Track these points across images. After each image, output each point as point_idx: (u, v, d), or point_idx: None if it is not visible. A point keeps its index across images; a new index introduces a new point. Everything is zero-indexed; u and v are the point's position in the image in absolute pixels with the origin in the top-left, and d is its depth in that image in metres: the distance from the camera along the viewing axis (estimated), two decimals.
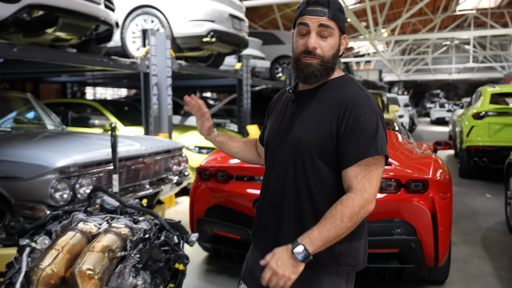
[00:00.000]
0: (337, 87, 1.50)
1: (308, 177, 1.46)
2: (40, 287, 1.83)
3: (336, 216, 1.33)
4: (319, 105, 1.48)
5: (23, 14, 3.71)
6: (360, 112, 1.40)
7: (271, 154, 1.59)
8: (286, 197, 1.51)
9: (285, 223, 1.51)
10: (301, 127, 1.48)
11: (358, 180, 1.37)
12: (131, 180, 4.02)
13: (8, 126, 4.86)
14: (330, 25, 1.43)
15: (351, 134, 1.40)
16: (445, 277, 3.32)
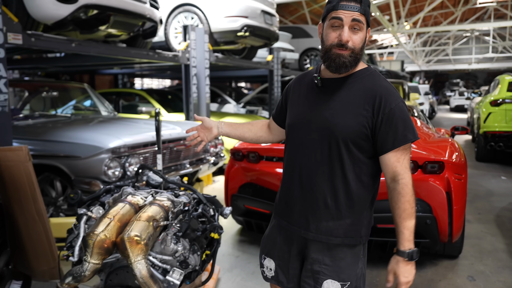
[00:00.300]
0: (364, 78, 1.47)
1: (343, 160, 1.46)
2: (95, 249, 1.92)
3: (407, 208, 1.44)
4: (349, 94, 1.46)
5: (80, 13, 3.80)
6: (393, 103, 1.41)
7: (297, 136, 1.55)
8: (319, 178, 1.49)
9: (320, 203, 1.50)
10: (334, 114, 1.45)
11: (401, 164, 1.43)
12: (173, 160, 4.11)
13: (68, 112, 5.04)
14: (361, 20, 1.40)
15: (389, 124, 1.40)
16: (458, 251, 3.25)
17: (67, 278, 1.97)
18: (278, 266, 1.65)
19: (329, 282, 1.50)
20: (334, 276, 1.50)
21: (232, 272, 3.07)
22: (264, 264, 1.71)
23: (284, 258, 1.63)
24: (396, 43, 28.11)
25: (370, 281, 2.90)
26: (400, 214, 1.45)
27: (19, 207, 2.70)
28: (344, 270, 1.51)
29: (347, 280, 1.51)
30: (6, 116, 3.13)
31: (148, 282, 1.91)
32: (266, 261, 1.70)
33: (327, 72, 1.50)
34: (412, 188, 1.44)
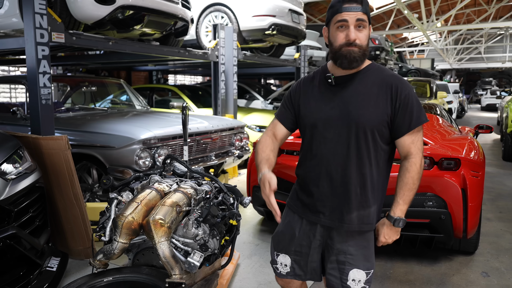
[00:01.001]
0: (374, 71, 1.56)
1: (369, 149, 1.53)
2: (123, 230, 2.05)
3: (409, 182, 1.51)
4: (365, 87, 1.53)
5: (117, 13, 3.97)
6: (407, 90, 1.52)
7: (321, 133, 1.57)
8: (350, 170, 1.53)
9: (351, 194, 1.54)
10: (357, 107, 1.51)
11: (415, 145, 1.52)
12: (200, 152, 4.24)
13: (105, 106, 5.28)
14: (364, 19, 1.48)
15: (405, 108, 1.50)
16: (474, 248, 3.20)
17: (98, 255, 2.12)
18: (295, 261, 1.69)
19: (355, 272, 1.56)
20: (360, 265, 1.57)
21: (252, 259, 3.16)
22: (278, 260, 1.73)
23: (303, 253, 1.67)
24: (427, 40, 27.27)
25: (384, 273, 2.92)
26: (402, 186, 1.52)
27: (58, 191, 2.90)
28: (368, 258, 1.59)
29: (371, 268, 1.59)
30: (49, 108, 3.34)
31: (171, 261, 2.03)
32: (280, 257, 1.73)
33: (337, 70, 1.56)
34: (419, 168, 1.52)
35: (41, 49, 3.26)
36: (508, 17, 25.62)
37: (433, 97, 9.15)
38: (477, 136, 4.95)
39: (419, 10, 17.03)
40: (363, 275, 1.57)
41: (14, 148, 2.51)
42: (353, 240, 1.57)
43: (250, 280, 2.81)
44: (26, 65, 3.42)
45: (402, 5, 12.12)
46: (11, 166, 2.38)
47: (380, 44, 11.21)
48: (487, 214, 4.24)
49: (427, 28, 16.10)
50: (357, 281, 1.56)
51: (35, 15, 3.18)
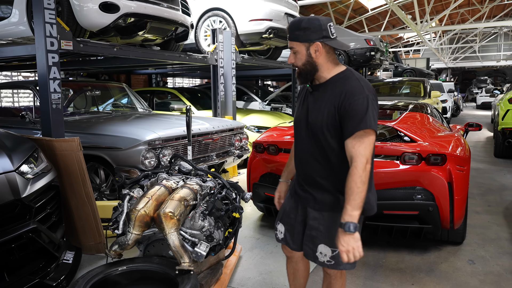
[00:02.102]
0: (338, 81, 1.75)
1: (325, 146, 1.78)
2: (136, 223, 2.25)
3: (352, 187, 1.61)
4: (326, 96, 1.76)
5: (121, 21, 4.17)
6: (353, 98, 1.66)
7: (297, 130, 1.92)
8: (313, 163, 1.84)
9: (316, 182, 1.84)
10: (316, 113, 1.79)
11: (356, 149, 1.64)
12: (201, 152, 4.44)
13: (109, 109, 5.47)
14: (292, 46, 1.76)
15: (348, 115, 1.66)
16: (462, 238, 3.41)
17: (114, 246, 2.31)
18: (287, 230, 2.01)
19: (322, 247, 1.82)
20: (327, 242, 1.81)
21: (253, 251, 3.36)
22: (277, 228, 2.07)
23: (291, 224, 1.99)
24: (422, 40, 27.53)
25: (376, 262, 3.12)
26: (347, 192, 1.63)
27: (71, 190, 3.09)
28: (332, 238, 1.76)
29: (335, 246, 1.72)
30: (59, 112, 3.54)
31: (180, 250, 2.22)
32: (279, 225, 2.06)
33: (313, 80, 1.84)
34: (361, 171, 1.61)
35: (51, 56, 3.45)
36: (501, 16, 25.94)
37: (426, 96, 9.35)
38: (467, 134, 5.17)
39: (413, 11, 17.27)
40: (329, 251, 1.80)
41: (31, 150, 2.69)
42: (322, 220, 1.83)
43: (251, 270, 3.01)
44: (32, 70, 3.60)
45: (395, 6, 12.35)
46: (29, 166, 2.57)
47: (374, 45, 11.42)
48: (476, 207, 4.46)
49: (421, 29, 16.34)
50: (324, 254, 1.82)
51: (45, 25, 3.37)
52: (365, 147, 1.63)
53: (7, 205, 2.22)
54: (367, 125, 1.63)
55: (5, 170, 2.32)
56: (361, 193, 1.60)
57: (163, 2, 4.58)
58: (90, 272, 2.20)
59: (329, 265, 1.82)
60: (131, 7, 4.16)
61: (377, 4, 19.81)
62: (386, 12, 20.66)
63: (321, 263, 1.83)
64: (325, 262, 1.82)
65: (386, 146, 3.18)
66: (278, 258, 3.21)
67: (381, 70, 15.35)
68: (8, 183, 2.28)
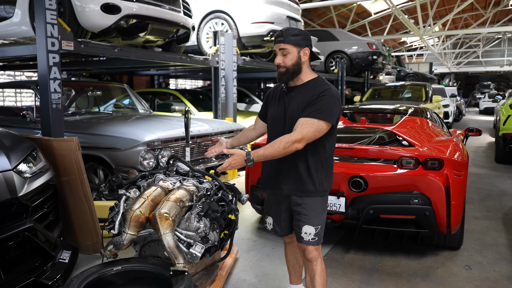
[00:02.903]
0: (313, 85, 2.11)
1: None
2: (132, 223, 2.26)
3: (276, 143, 1.98)
4: (302, 96, 2.10)
5: (122, 22, 4.20)
6: (321, 95, 2.03)
7: (275, 127, 2.19)
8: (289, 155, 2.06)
9: (292, 171, 2.13)
10: (294, 110, 2.10)
11: (301, 128, 1.97)
12: (201, 153, 4.45)
13: (110, 110, 5.49)
14: (285, 47, 2.06)
15: (312, 105, 2.02)
16: (459, 243, 3.40)
17: (109, 246, 2.32)
18: (274, 221, 2.33)
19: (307, 227, 2.14)
20: (310, 222, 2.14)
21: (249, 253, 3.36)
22: (266, 221, 2.39)
23: (277, 215, 2.31)
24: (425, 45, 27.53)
25: (373, 266, 3.12)
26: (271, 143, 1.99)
27: (69, 189, 3.10)
28: (316, 217, 2.14)
29: (319, 225, 2.15)
30: (59, 112, 3.56)
31: (175, 251, 2.23)
32: (267, 218, 2.38)
33: (291, 82, 2.16)
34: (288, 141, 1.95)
35: (52, 56, 3.48)
36: (505, 21, 25.90)
37: (428, 101, 9.34)
38: (467, 139, 5.16)
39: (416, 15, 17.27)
40: (312, 229, 2.14)
41: (29, 149, 2.71)
42: (305, 204, 2.13)
43: (247, 272, 3.01)
44: (34, 70, 3.63)
45: (398, 11, 12.35)
46: (27, 165, 2.58)
47: (377, 49, 11.43)
48: (475, 213, 4.45)
49: (424, 33, 16.34)
50: (308, 233, 2.14)
51: (46, 25, 3.40)
52: (309, 131, 1.97)
53: (3, 204, 2.23)
54: (323, 116, 1.97)
55: (2, 168, 2.33)
56: (274, 152, 1.97)
57: (165, 4, 4.61)
58: (85, 272, 2.21)
59: (313, 242, 2.15)
60: (132, 9, 4.19)
61: (380, 8, 19.82)
62: (389, 16, 20.68)
63: (306, 241, 2.15)
64: (310, 240, 2.14)
65: (384, 150, 3.18)
66: (274, 260, 3.21)
67: (383, 74, 15.35)
68: (5, 181, 2.29)
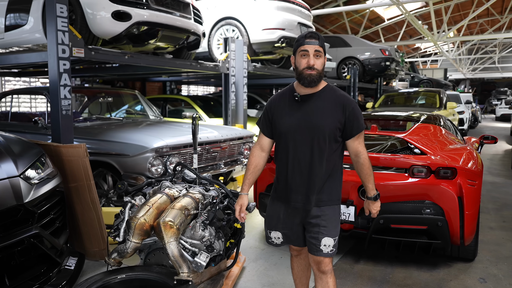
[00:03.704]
0: (329, 91, 2.08)
1: (326, 147, 2.03)
2: (136, 231, 2.24)
3: (368, 172, 2.09)
4: (324, 103, 2.05)
5: (133, 29, 4.22)
6: (352, 105, 2.04)
7: (291, 137, 2.06)
8: (314, 164, 2.03)
9: (315, 182, 2.04)
10: (318, 118, 2.02)
11: (361, 145, 2.07)
12: (210, 160, 4.42)
13: (121, 116, 5.52)
14: (320, 50, 2.00)
15: (351, 119, 2.02)
16: (473, 255, 3.29)
17: (113, 254, 2.30)
18: (284, 234, 2.19)
19: (326, 239, 2.06)
20: (329, 234, 2.06)
21: (257, 262, 3.30)
22: (271, 236, 2.24)
23: (288, 228, 2.17)
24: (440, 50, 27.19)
25: (383, 277, 3.03)
26: (365, 176, 2.10)
27: (76, 195, 3.10)
28: (335, 228, 2.09)
29: (336, 235, 2.09)
30: (69, 118, 3.58)
31: (179, 260, 2.20)
32: (272, 233, 2.23)
33: (302, 89, 2.07)
34: (369, 160, 2.08)
35: (63, 63, 3.50)
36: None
37: (442, 107, 9.18)
38: (482, 147, 5.03)
39: (430, 21, 17.08)
40: (331, 241, 2.07)
41: (37, 155, 2.72)
42: (324, 215, 2.06)
43: (254, 282, 2.95)
44: (48, 77, 3.66)
45: (412, 17, 12.22)
46: (35, 171, 2.59)
47: (389, 55, 11.31)
48: (490, 223, 4.31)
49: (438, 39, 16.13)
50: (328, 246, 2.06)
51: (57, 32, 3.43)
52: (363, 143, 2.09)
53: (9, 210, 2.23)
54: (364, 126, 2.07)
55: (9, 175, 2.34)
56: (372, 174, 2.11)
57: (175, 11, 4.62)
58: (88, 280, 2.19)
59: (332, 254, 2.08)
60: (143, 16, 4.21)
61: (394, 14, 19.66)
62: (402, 22, 20.49)
63: (324, 254, 2.07)
64: (329, 252, 2.07)
65: (395, 158, 3.10)
66: (282, 270, 3.15)
67: (396, 80, 15.18)
68: (12, 188, 2.29)
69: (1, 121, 5.31)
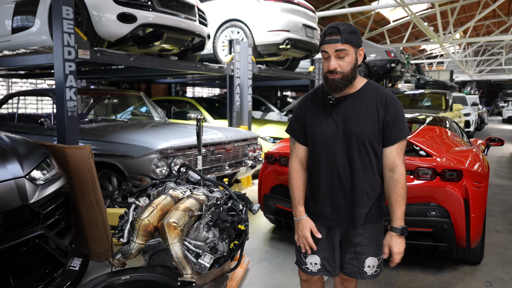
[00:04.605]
0: (370, 90, 1.76)
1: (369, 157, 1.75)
2: (140, 232, 2.23)
3: (402, 193, 1.71)
4: (363, 105, 1.73)
5: (138, 31, 4.24)
6: (397, 106, 1.73)
7: (328, 146, 1.78)
8: (356, 177, 1.75)
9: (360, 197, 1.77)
10: (357, 124, 1.72)
11: (400, 156, 1.73)
12: (214, 161, 4.42)
13: (126, 117, 5.54)
14: (344, 48, 1.66)
15: (394, 122, 1.71)
16: (479, 258, 3.25)
17: (117, 255, 2.30)
18: (324, 258, 1.88)
19: (370, 260, 1.82)
20: (373, 253, 1.82)
21: (261, 264, 3.29)
22: (307, 261, 1.91)
23: (329, 250, 1.88)
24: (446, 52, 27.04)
25: (388, 280, 3.01)
26: (396, 198, 1.71)
27: (81, 196, 3.11)
28: (379, 247, 1.82)
29: (381, 254, 1.82)
30: (74, 119, 3.60)
31: (183, 261, 2.19)
32: (308, 258, 1.90)
33: None
34: (405, 177, 1.72)
35: (68, 65, 3.52)
36: None
37: (448, 109, 9.12)
38: (488, 149, 4.99)
39: (436, 23, 16.99)
40: (375, 261, 1.83)
41: (43, 156, 2.73)
42: (367, 233, 1.81)
43: (258, 284, 2.94)
44: (54, 79, 3.69)
45: (417, 18, 12.17)
46: (40, 172, 2.60)
47: (395, 57, 11.27)
48: (497, 226, 4.27)
49: (444, 41, 16.04)
50: (372, 267, 1.83)
51: (63, 34, 3.45)
52: (403, 155, 1.74)
53: (14, 211, 2.24)
54: (408, 133, 1.73)
55: (14, 175, 2.35)
56: (406, 199, 1.72)
57: (180, 13, 4.64)
58: (92, 280, 2.19)
59: (375, 275, 1.85)
60: (148, 18, 4.23)
61: (399, 16, 19.59)
62: (408, 23, 20.42)
63: (369, 276, 1.84)
64: (373, 273, 1.84)
65: None
66: (286, 272, 3.14)
67: (402, 82, 15.11)
68: (17, 188, 2.31)
69: (8, 122, 5.36)
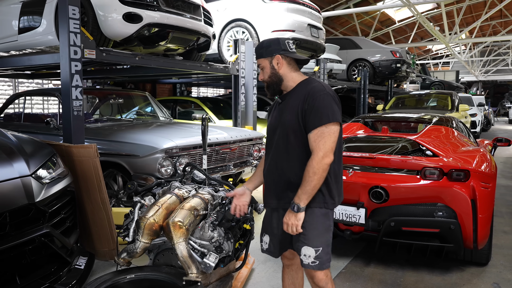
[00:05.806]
0: (301, 86, 1.95)
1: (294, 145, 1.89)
2: (145, 231, 2.23)
3: (305, 176, 1.80)
4: (292, 100, 1.94)
5: (144, 31, 4.24)
6: (316, 95, 1.84)
7: (270, 137, 2.03)
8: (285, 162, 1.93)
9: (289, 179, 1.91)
10: (283, 116, 1.94)
11: (317, 143, 1.81)
12: (219, 161, 4.42)
13: (131, 117, 5.55)
14: (259, 63, 2.01)
15: (311, 112, 1.83)
16: (486, 259, 3.22)
17: (122, 254, 2.30)
18: (271, 240, 2.06)
19: (305, 248, 1.89)
20: (309, 243, 1.88)
21: (266, 264, 3.28)
22: (263, 239, 2.10)
23: (274, 233, 2.04)
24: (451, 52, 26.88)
25: (394, 281, 2.99)
26: (303, 178, 1.81)
27: (87, 195, 3.12)
28: (316, 238, 1.88)
29: (319, 246, 1.88)
30: (80, 119, 3.60)
31: (188, 261, 2.19)
32: (264, 236, 2.10)
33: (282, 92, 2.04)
34: (315, 164, 1.78)
35: (74, 64, 3.53)
36: None
37: (454, 110, 9.06)
38: (495, 149, 4.94)
39: (442, 23, 16.90)
40: (312, 251, 1.87)
41: (49, 155, 2.74)
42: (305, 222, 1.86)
43: (263, 284, 2.93)
44: (60, 79, 3.70)
45: (423, 18, 12.10)
46: (46, 171, 2.61)
47: (400, 57, 11.22)
48: (504, 227, 4.23)
49: (450, 41, 15.95)
50: (308, 256, 1.88)
51: (69, 34, 3.46)
52: (325, 142, 1.80)
53: (20, 209, 2.25)
54: (329, 119, 1.80)
55: (21, 174, 2.35)
56: (311, 182, 1.79)
57: (186, 13, 4.64)
58: (98, 279, 2.20)
59: (314, 266, 1.88)
60: (154, 18, 4.23)
61: (405, 16, 19.51)
62: (413, 24, 20.32)
63: (306, 265, 1.90)
64: (310, 263, 1.88)
65: (406, 159, 3.06)
66: None
67: (407, 82, 15.05)
68: (23, 187, 2.31)
69: (15, 121, 5.39)
